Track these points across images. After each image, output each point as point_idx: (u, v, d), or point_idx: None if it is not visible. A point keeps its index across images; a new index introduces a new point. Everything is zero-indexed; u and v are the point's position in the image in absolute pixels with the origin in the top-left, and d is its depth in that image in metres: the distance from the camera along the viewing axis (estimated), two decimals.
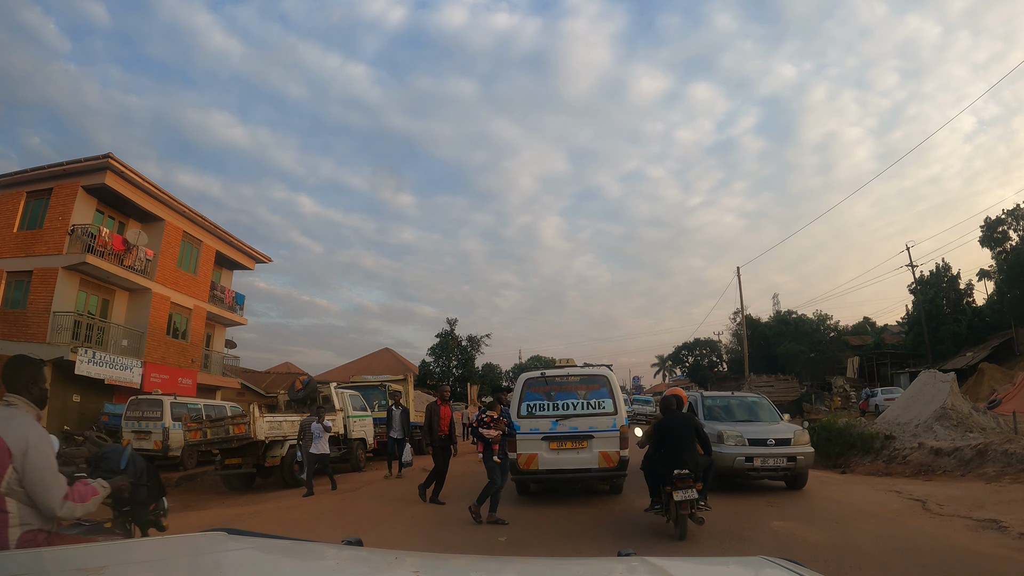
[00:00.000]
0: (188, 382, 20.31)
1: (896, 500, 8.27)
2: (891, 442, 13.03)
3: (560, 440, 8.30)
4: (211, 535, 1.73)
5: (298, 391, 13.37)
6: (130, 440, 14.19)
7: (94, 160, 18.00)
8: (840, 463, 13.65)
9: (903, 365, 40.65)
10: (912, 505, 7.89)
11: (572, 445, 8.29)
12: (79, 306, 18.19)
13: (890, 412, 15.32)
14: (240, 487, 11.63)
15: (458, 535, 6.63)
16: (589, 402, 8.51)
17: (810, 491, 9.01)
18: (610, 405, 8.43)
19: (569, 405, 8.52)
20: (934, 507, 7.63)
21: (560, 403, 8.54)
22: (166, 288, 20.05)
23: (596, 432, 8.27)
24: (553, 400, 8.57)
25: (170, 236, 20.34)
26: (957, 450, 10.98)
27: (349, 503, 9.33)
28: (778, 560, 1.42)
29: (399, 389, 16.73)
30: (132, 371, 18.09)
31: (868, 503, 8.06)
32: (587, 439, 8.28)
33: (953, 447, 11.14)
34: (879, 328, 52.44)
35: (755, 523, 6.48)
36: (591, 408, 8.45)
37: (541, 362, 65.61)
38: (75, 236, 17.88)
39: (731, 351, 54.89)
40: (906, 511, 7.49)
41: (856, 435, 13.97)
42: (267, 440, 10.77)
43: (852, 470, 12.44)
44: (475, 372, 51.40)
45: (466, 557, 2.19)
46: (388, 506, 8.84)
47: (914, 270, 40.00)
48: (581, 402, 8.53)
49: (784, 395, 32.48)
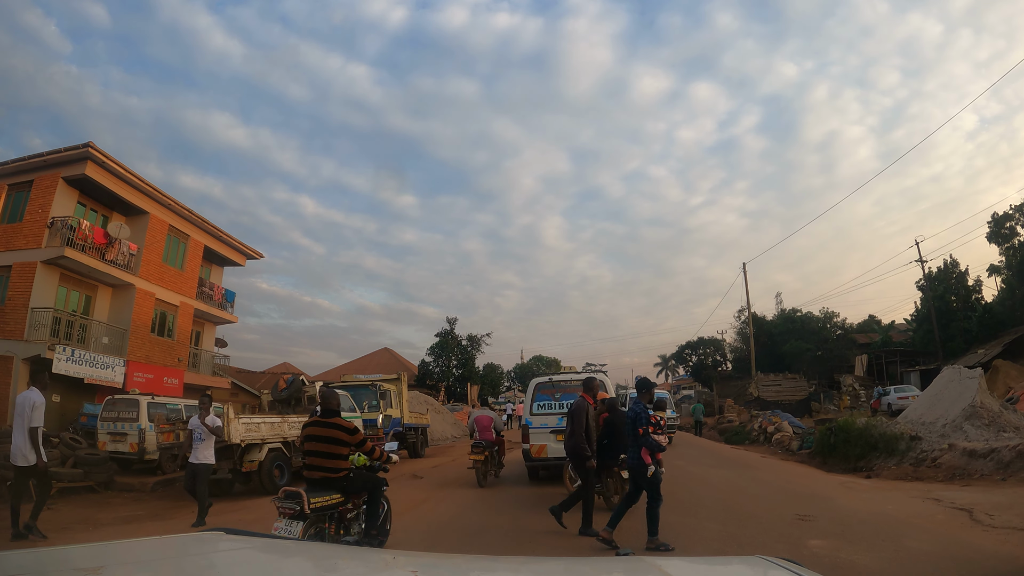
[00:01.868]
0: (174, 382, 19.48)
1: (938, 509, 7.42)
2: (917, 443, 12.16)
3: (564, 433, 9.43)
4: (208, 535, 1.75)
5: (281, 391, 12.53)
6: (106, 442, 13.40)
7: (74, 150, 17.17)
8: (861, 466, 12.80)
9: (912, 363, 39.78)
10: (957, 515, 7.04)
11: None
12: (59, 302, 17.39)
13: (912, 411, 14.44)
14: (218, 493, 10.77)
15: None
16: None
17: (839, 499, 8.18)
18: None
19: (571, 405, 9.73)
20: (983, 517, 6.78)
21: (565, 403, 9.89)
22: (151, 284, 19.20)
23: None
24: (559, 400, 10.24)
25: (155, 230, 19.50)
26: (994, 451, 10.12)
27: None
28: (777, 560, 1.42)
29: (391, 388, 15.91)
30: (114, 370, 17.27)
31: (908, 514, 7.21)
32: None
33: (989, 448, 10.28)
34: (885, 326, 51.52)
35: (788, 541, 5.61)
36: None
37: (543, 362, 64.95)
38: (55, 229, 17.07)
39: (735, 350, 53.93)
40: (953, 523, 6.64)
41: (878, 436, 13.10)
42: (243, 443, 9.90)
43: (877, 474, 11.57)
44: (475, 372, 50.49)
45: (464, 557, 2.14)
46: None
47: (923, 265, 39.20)
48: None
49: (792, 394, 31.58)
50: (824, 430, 15.38)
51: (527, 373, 61.95)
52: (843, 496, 8.45)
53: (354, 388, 15.36)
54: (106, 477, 12.26)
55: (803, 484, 10.24)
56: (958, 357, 36.02)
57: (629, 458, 6.11)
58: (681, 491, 8.88)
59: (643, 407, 6.18)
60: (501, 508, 8.50)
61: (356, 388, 15.46)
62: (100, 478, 12.38)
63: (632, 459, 6.05)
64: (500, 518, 7.75)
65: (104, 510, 10.25)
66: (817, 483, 10.35)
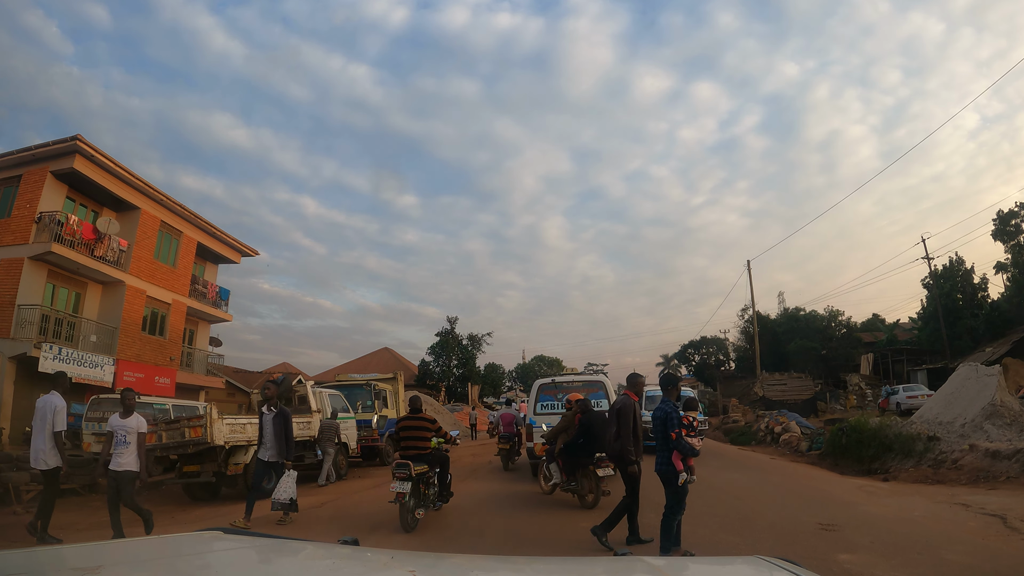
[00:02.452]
0: (166, 381, 18.99)
1: (969, 516, 6.90)
2: (935, 444, 11.63)
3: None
4: (206, 534, 1.75)
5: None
6: (91, 443, 12.92)
7: (62, 143, 16.69)
8: (875, 468, 12.27)
9: (919, 362, 39.24)
10: (991, 523, 6.52)
11: None
12: (47, 300, 16.93)
13: (927, 410, 13.89)
14: (204, 497, 10.32)
15: None
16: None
17: (860, 504, 7.67)
18: (605, 403, 10.41)
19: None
20: (1019, 525, 6.29)
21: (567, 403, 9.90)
22: (142, 281, 18.71)
23: None
24: (561, 400, 10.55)
25: (146, 225, 19.01)
26: (1019, 452, 9.59)
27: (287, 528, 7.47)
28: (774, 560, 1.42)
29: (386, 388, 15.40)
30: (103, 369, 16.80)
31: (938, 521, 6.69)
32: None
33: (1014, 449, 9.75)
34: (890, 325, 50.90)
35: (815, 555, 5.08)
36: None
37: (544, 362, 64.45)
38: (42, 225, 16.60)
39: (739, 349, 53.37)
40: (988, 532, 6.13)
41: (893, 436, 12.57)
42: (227, 445, 9.37)
43: (895, 477, 11.02)
44: (476, 372, 49.92)
45: (462, 556, 2.12)
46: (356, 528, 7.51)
47: (930, 262, 38.67)
48: None
49: (798, 393, 31.05)
50: (835, 430, 14.83)
51: (529, 373, 61.51)
52: (864, 501, 7.94)
53: (348, 388, 14.82)
54: (90, 479, 11.79)
55: (819, 488, 9.72)
56: (965, 355, 35.47)
57: (658, 464, 5.49)
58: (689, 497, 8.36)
59: (673, 407, 5.51)
60: (500, 508, 8.01)
61: (350, 388, 14.91)
62: (84, 480, 11.92)
63: (661, 465, 5.45)
64: (497, 519, 7.27)
65: (86, 514, 9.80)
66: (833, 487, 9.81)
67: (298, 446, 11.35)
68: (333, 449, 11.79)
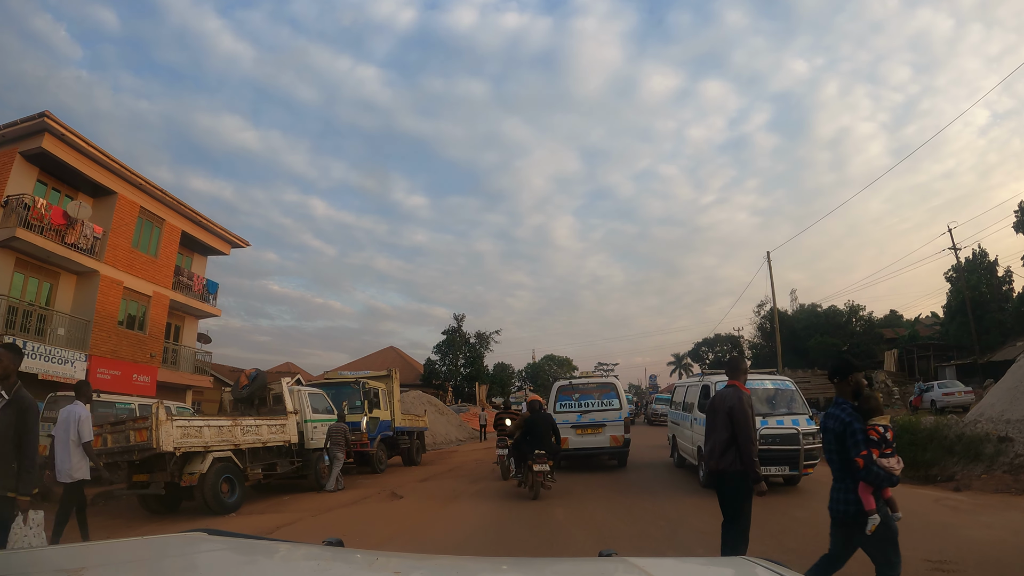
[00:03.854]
0: (146, 380, 17.64)
1: None
2: (1008, 445, 10.01)
3: (583, 428, 11.86)
4: (191, 535, 1.71)
5: (243, 388, 10.49)
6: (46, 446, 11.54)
7: (29, 121, 15.37)
8: (935, 474, 10.69)
9: (946, 357, 37.46)
10: None
11: (591, 431, 11.89)
12: (15, 290, 15.62)
13: (988, 407, 12.23)
14: (160, 509, 8.85)
15: None
16: (602, 402, 12.06)
17: (952, 526, 6.13)
18: (617, 404, 11.99)
19: (588, 404, 12.07)
20: None
21: (583, 402, 12.02)
22: (118, 271, 17.35)
23: (607, 422, 11.88)
24: (577, 400, 12.02)
25: (123, 211, 17.65)
26: None
27: None
28: (759, 560, 1.42)
29: (379, 387, 13.91)
30: (73, 365, 15.47)
31: None
32: (601, 427, 11.89)
33: None
34: (910, 321, 48.94)
35: None
36: (604, 406, 12.02)
37: (554, 362, 62.98)
38: (8, 208, 15.29)
39: (755, 346, 51.63)
40: None
41: (954, 437, 10.97)
42: (177, 452, 7.88)
43: (967, 485, 9.42)
44: (484, 371, 48.35)
45: (447, 558, 1.98)
46: None
47: (957, 252, 36.80)
48: (597, 401, 12.07)
49: (821, 391, 29.45)
50: None
51: (539, 373, 60.16)
52: (954, 520, 6.41)
53: (334, 387, 13.29)
54: (44, 488, 10.43)
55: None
56: (995, 351, 33.74)
57: (837, 503, 3.52)
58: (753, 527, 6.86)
59: (850, 412, 3.53)
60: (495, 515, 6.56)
61: (337, 387, 13.38)
62: (38, 487, 10.55)
63: (840, 504, 3.49)
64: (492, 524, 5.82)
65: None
66: (906, 499, 8.20)
67: (271, 452, 9.93)
68: (343, 454, 11.10)
